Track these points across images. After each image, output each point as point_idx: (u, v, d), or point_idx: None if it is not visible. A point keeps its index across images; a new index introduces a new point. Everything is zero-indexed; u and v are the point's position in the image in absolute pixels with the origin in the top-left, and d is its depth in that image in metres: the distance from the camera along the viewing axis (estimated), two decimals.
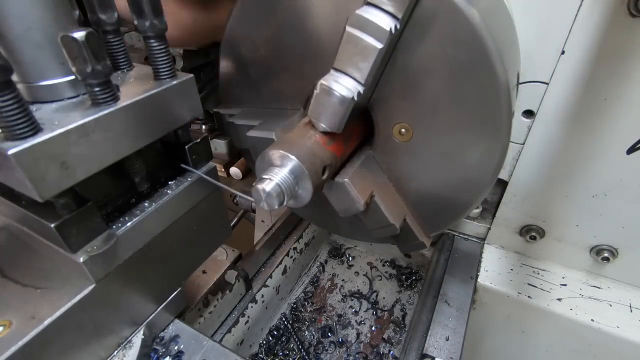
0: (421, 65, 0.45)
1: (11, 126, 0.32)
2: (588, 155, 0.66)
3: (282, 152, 0.41)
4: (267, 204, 0.41)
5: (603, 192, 0.69)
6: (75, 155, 0.36)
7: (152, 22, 0.41)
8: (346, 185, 0.49)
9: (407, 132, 0.51)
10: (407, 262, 1.06)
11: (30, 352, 0.40)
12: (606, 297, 0.76)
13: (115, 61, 0.47)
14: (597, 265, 0.78)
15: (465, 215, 0.57)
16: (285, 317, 0.93)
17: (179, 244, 0.55)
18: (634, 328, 0.71)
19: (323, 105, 0.43)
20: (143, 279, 0.52)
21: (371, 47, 0.39)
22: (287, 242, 0.96)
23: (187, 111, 0.48)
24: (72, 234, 0.40)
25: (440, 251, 0.86)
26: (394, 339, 0.88)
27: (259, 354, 0.86)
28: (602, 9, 0.53)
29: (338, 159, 0.48)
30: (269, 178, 0.41)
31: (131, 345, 0.53)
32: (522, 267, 0.83)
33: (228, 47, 0.59)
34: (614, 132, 0.62)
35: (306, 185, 0.43)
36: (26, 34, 0.36)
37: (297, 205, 0.45)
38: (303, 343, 0.87)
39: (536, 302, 0.76)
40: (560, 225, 0.77)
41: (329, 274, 1.05)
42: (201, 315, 0.70)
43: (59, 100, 0.40)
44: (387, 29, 0.38)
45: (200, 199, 0.55)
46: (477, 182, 0.52)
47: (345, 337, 0.89)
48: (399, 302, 0.96)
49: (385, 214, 0.53)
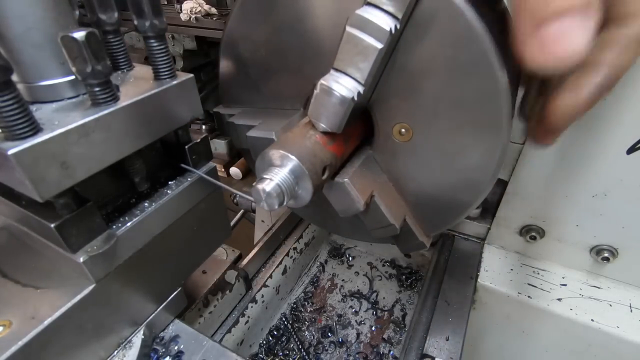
0: (421, 65, 0.45)
1: (11, 126, 0.32)
2: (588, 155, 0.66)
3: (282, 152, 0.41)
4: (267, 204, 0.41)
5: (603, 192, 0.69)
6: (75, 155, 0.37)
7: (152, 22, 0.41)
8: (346, 185, 0.49)
9: (407, 132, 0.51)
10: (407, 262, 1.06)
11: (30, 352, 0.40)
12: (606, 297, 0.76)
13: (115, 61, 0.47)
14: (597, 265, 0.78)
15: (465, 215, 0.57)
16: (285, 317, 0.93)
17: (179, 244, 0.55)
18: (634, 328, 0.71)
19: (323, 106, 0.43)
20: (143, 279, 0.52)
21: (371, 47, 0.39)
22: (287, 242, 0.96)
23: (187, 111, 0.48)
24: (72, 234, 0.40)
25: (440, 251, 0.86)
26: (394, 339, 0.88)
27: (259, 354, 0.86)
28: None
29: (338, 159, 0.48)
30: (269, 178, 0.40)
31: (131, 345, 0.53)
32: (522, 267, 0.83)
33: (228, 47, 0.59)
34: (614, 132, 0.62)
35: (306, 185, 0.42)
36: (26, 34, 0.36)
37: (297, 205, 0.45)
38: (303, 343, 0.87)
39: (536, 302, 0.76)
40: (560, 225, 0.77)
41: (329, 274, 1.05)
42: (201, 315, 0.70)
43: (59, 100, 0.40)
44: (387, 29, 0.38)
45: (200, 199, 0.55)
46: (477, 182, 0.52)
47: (345, 337, 0.89)
48: (399, 302, 0.96)
49: (385, 214, 0.53)
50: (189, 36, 1.81)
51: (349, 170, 0.51)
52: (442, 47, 0.43)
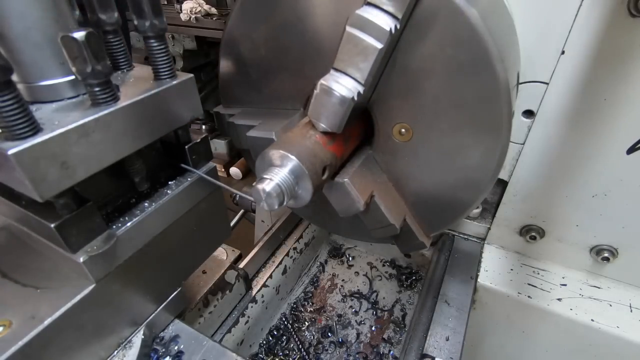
0: (421, 65, 0.45)
1: (11, 126, 0.32)
2: (588, 155, 0.66)
3: (282, 152, 0.41)
4: (267, 204, 0.41)
5: (603, 192, 0.69)
6: (75, 155, 0.36)
7: (152, 22, 0.41)
8: (346, 185, 0.49)
9: (407, 132, 0.51)
10: (407, 262, 1.06)
11: (30, 352, 0.40)
12: (606, 297, 0.76)
13: (115, 61, 0.47)
14: (597, 265, 0.78)
15: (465, 215, 0.57)
16: (285, 317, 0.93)
17: (179, 244, 0.55)
18: (634, 328, 0.71)
19: (323, 105, 0.43)
20: (143, 279, 0.52)
21: (371, 47, 0.39)
22: (287, 242, 0.96)
23: (187, 111, 0.48)
24: (72, 234, 0.40)
25: (441, 251, 0.86)
26: (394, 339, 0.88)
27: (259, 354, 0.86)
28: (602, 9, 0.53)
29: (338, 159, 0.48)
30: (269, 178, 0.41)
31: (131, 345, 0.53)
32: (522, 267, 0.83)
33: (228, 46, 0.59)
34: (614, 132, 0.62)
35: (306, 185, 0.43)
36: (26, 34, 0.36)
37: (297, 205, 0.45)
38: (303, 343, 0.87)
39: (536, 302, 0.76)
40: (560, 225, 0.77)
41: (329, 274, 1.05)
42: (201, 315, 0.70)
43: (59, 100, 0.40)
44: (387, 29, 0.38)
45: (200, 199, 0.55)
46: (477, 182, 0.52)
47: (345, 337, 0.89)
48: (399, 302, 0.96)
49: (385, 214, 0.53)
50: (189, 36, 1.81)
51: (349, 170, 0.51)
52: (442, 47, 0.43)
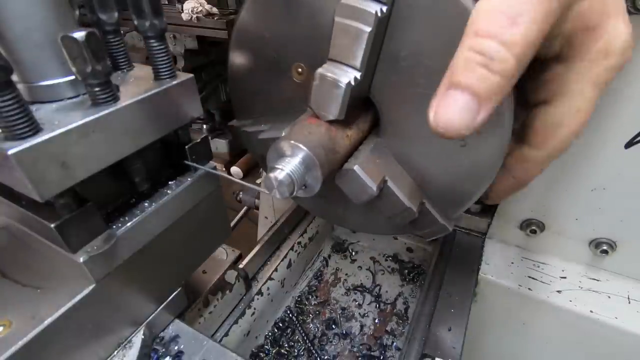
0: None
1: (11, 126, 0.32)
2: (587, 150, 0.66)
3: (292, 142, 0.42)
4: (279, 192, 0.42)
5: (602, 186, 0.69)
6: (75, 155, 0.36)
7: (152, 22, 0.40)
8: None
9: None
10: (410, 256, 1.06)
11: (30, 352, 0.40)
12: (605, 289, 0.77)
13: (115, 61, 0.47)
14: (596, 258, 0.79)
15: (469, 204, 0.56)
16: (290, 310, 0.94)
17: (179, 244, 0.55)
18: (632, 319, 0.72)
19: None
20: (143, 279, 0.52)
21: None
22: (292, 236, 0.97)
23: (187, 111, 0.48)
24: (72, 234, 0.40)
25: (442, 246, 0.87)
26: (396, 331, 0.89)
27: (264, 345, 0.87)
28: None
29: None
30: (281, 168, 0.42)
31: (131, 345, 0.53)
32: (522, 261, 0.83)
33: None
34: (612, 127, 0.62)
35: (316, 174, 0.43)
36: (26, 34, 0.36)
37: (307, 194, 0.45)
38: (308, 335, 0.88)
39: (536, 294, 0.77)
40: (560, 219, 0.77)
41: (332, 269, 1.06)
42: (201, 315, 0.70)
43: (59, 100, 0.40)
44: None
45: (200, 199, 0.55)
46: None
47: (349, 330, 0.90)
48: (402, 295, 0.97)
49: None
50: (190, 36, 1.80)
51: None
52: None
